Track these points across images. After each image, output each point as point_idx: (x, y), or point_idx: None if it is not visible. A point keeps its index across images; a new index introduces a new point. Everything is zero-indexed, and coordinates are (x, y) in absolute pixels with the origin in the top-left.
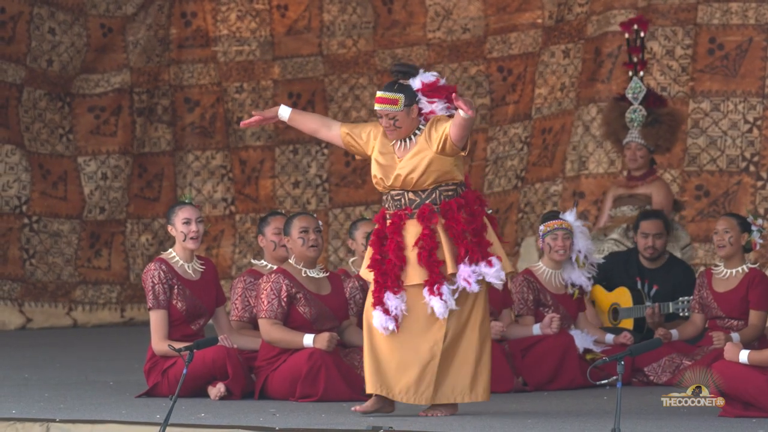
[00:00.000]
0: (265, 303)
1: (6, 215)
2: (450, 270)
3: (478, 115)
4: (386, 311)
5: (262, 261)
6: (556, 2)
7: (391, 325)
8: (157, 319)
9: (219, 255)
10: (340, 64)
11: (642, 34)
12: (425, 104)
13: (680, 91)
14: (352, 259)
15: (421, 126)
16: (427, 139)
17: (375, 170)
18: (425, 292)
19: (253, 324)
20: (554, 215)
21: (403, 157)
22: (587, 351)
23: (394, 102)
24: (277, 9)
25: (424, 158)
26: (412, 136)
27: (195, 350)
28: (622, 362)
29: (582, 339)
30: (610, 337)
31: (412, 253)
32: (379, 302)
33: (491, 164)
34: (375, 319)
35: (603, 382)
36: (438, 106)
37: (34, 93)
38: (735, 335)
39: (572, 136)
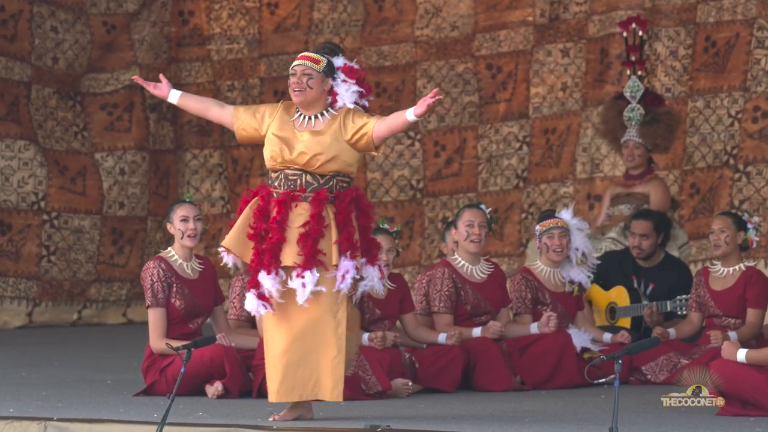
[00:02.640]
0: None
1: (24, 211)
2: (334, 261)
3: (465, 113)
4: (260, 295)
5: None
6: (549, 0)
7: (263, 310)
8: (155, 318)
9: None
10: None
11: (640, 33)
12: (339, 83)
13: (682, 90)
14: None
15: (329, 109)
16: (342, 127)
17: (272, 146)
18: (293, 274)
19: (251, 323)
20: (550, 214)
21: (304, 132)
22: (585, 350)
23: (316, 61)
24: (267, 7)
25: (333, 145)
26: (319, 116)
27: (193, 349)
28: (620, 361)
29: (580, 338)
30: (607, 336)
31: (293, 234)
32: (253, 285)
33: (484, 163)
34: (247, 302)
35: (601, 380)
36: (351, 89)
37: (42, 91)
38: (732, 334)
39: (581, 137)
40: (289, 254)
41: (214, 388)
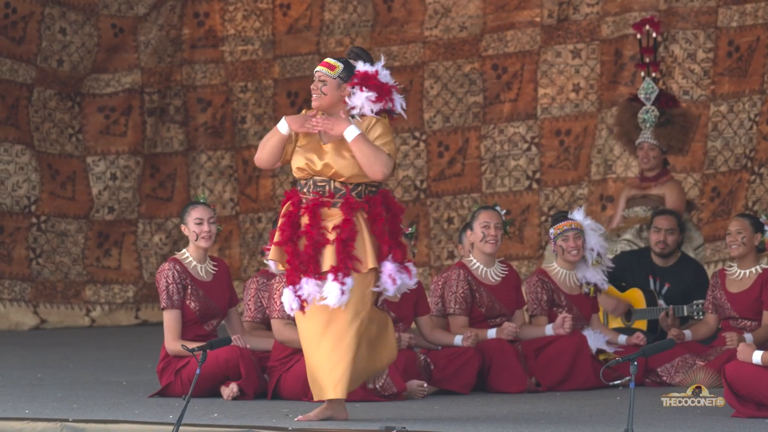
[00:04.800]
0: (278, 303)
1: (15, 215)
2: (371, 265)
3: (470, 113)
4: (298, 294)
5: None
6: (557, 1)
7: (296, 306)
8: (170, 319)
9: (231, 256)
10: None
11: (654, 35)
12: (354, 88)
13: (702, 94)
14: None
15: (353, 116)
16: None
17: (299, 159)
18: (329, 277)
19: (265, 325)
20: (563, 216)
21: (329, 143)
22: (600, 351)
23: (332, 67)
24: (280, 8)
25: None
26: None
27: (208, 350)
28: (635, 363)
29: (595, 339)
30: (622, 338)
31: (328, 239)
32: (293, 282)
33: (488, 163)
34: (285, 296)
35: (616, 382)
36: (360, 93)
37: (44, 93)
38: (748, 336)
39: (596, 139)
40: (328, 259)
41: (230, 390)
